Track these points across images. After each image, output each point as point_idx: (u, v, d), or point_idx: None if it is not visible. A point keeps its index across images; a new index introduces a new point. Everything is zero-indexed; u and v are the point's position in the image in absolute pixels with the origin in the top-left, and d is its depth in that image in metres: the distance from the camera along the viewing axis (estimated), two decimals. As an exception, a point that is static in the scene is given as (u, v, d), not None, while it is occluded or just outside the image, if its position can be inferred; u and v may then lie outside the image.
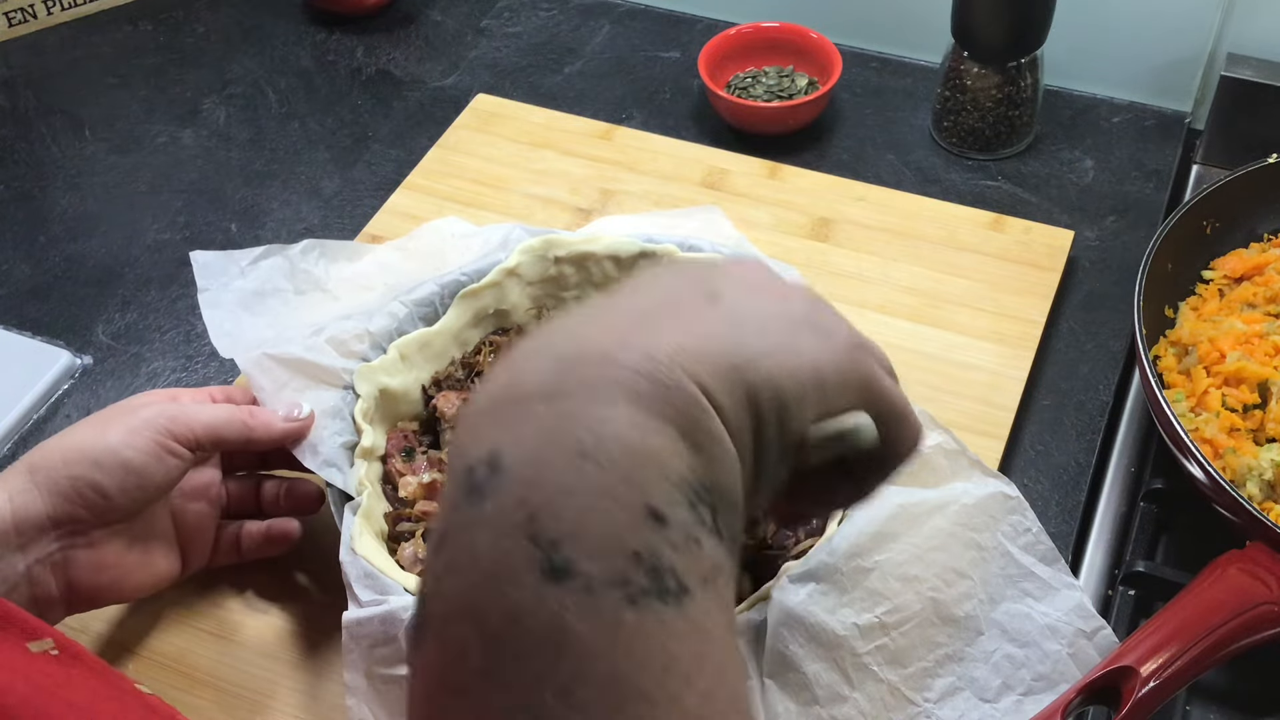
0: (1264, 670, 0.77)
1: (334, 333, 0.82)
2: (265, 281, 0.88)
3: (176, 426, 0.71)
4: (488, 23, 1.26)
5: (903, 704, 0.70)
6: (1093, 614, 0.73)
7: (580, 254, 0.87)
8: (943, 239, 1.00)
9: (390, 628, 0.69)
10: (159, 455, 0.70)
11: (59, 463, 0.68)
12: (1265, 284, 0.89)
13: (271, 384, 0.79)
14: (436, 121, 1.14)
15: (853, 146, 1.11)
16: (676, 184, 1.06)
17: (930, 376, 0.90)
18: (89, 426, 0.71)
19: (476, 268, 0.86)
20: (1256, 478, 0.77)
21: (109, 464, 0.68)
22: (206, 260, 0.88)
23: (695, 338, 0.42)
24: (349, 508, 0.75)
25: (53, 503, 0.67)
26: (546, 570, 0.35)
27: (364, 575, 0.71)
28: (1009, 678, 0.72)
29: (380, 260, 0.93)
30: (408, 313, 0.84)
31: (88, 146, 1.15)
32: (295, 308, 0.88)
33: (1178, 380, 0.85)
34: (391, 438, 0.82)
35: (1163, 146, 1.09)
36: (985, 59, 1.04)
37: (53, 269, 1.05)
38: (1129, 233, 1.02)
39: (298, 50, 1.24)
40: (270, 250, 0.90)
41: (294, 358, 0.80)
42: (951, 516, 0.73)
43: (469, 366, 0.85)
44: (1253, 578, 0.71)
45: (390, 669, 0.69)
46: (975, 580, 0.73)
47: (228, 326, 0.85)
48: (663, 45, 1.22)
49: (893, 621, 0.70)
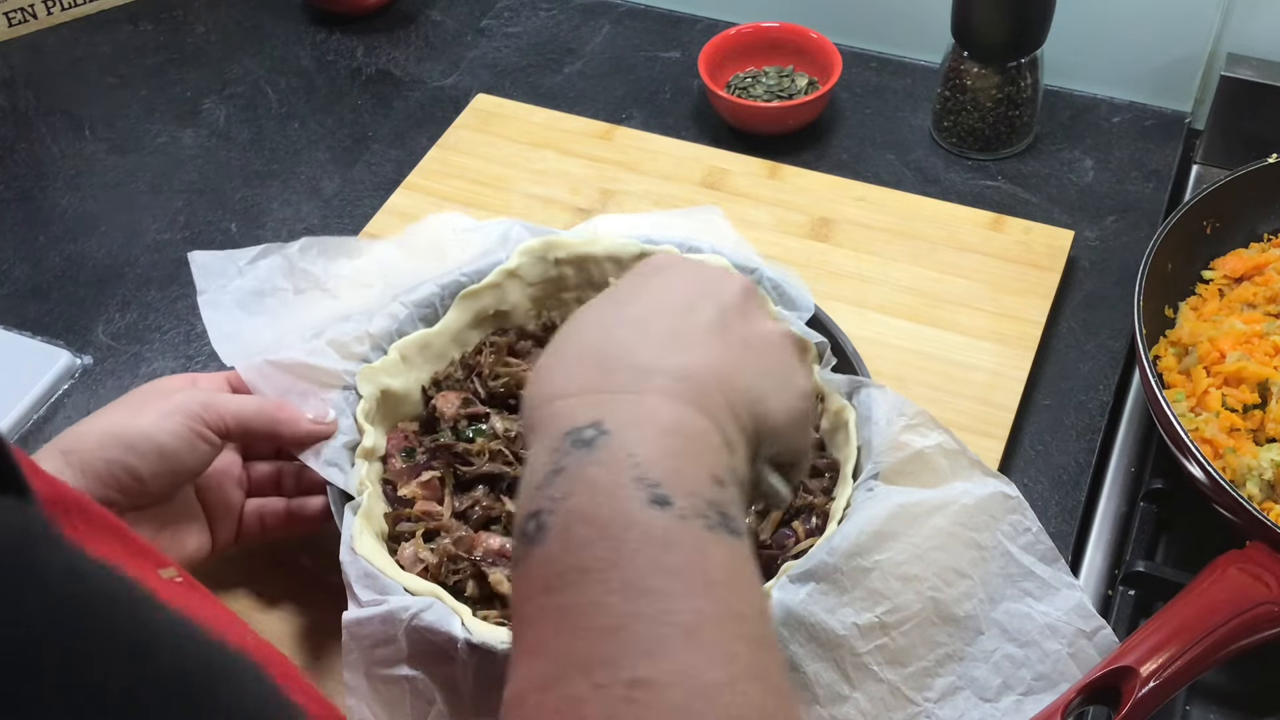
0: (1264, 670, 0.77)
1: (334, 335, 0.82)
2: (264, 281, 0.88)
3: (209, 414, 0.72)
4: (488, 23, 1.26)
5: (903, 704, 0.70)
6: (1093, 614, 0.73)
7: (580, 255, 0.87)
8: (943, 239, 1.00)
9: (390, 628, 0.69)
10: (191, 440, 0.71)
11: (94, 446, 0.68)
12: (1265, 284, 0.89)
13: (274, 391, 0.78)
14: (436, 121, 1.14)
15: (852, 146, 1.11)
16: (676, 184, 1.06)
17: (930, 376, 0.90)
18: (121, 409, 0.71)
19: (476, 268, 0.86)
20: (1256, 478, 0.77)
21: (144, 448, 0.69)
22: (205, 261, 0.88)
23: (726, 366, 0.55)
24: (349, 508, 0.75)
25: (87, 485, 0.68)
26: (654, 500, 0.47)
27: (364, 575, 0.71)
28: (1009, 677, 0.72)
29: (380, 257, 0.92)
30: (408, 314, 0.84)
31: (88, 146, 1.15)
32: (294, 307, 0.88)
33: (1178, 380, 0.85)
34: (391, 438, 0.82)
35: (1163, 146, 1.09)
36: (985, 59, 1.04)
37: (53, 269, 1.05)
38: (1129, 233, 1.02)
39: (298, 50, 1.24)
40: (268, 249, 0.90)
41: (295, 362, 0.80)
42: (951, 516, 0.73)
43: (469, 367, 0.85)
44: (1253, 578, 0.71)
45: (390, 669, 0.69)
46: (975, 580, 0.73)
47: (227, 329, 0.84)
48: (663, 45, 1.22)
49: (893, 621, 0.70)
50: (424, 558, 0.75)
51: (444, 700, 0.69)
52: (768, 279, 0.85)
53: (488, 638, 0.67)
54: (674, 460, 0.49)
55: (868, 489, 0.73)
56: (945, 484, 0.75)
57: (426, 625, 0.68)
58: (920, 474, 0.75)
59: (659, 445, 0.50)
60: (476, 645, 0.67)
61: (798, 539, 0.75)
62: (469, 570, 0.74)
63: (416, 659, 0.69)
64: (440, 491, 0.80)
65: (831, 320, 0.84)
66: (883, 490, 0.73)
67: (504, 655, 0.66)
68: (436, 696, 0.69)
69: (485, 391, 0.83)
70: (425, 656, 0.69)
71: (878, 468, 0.74)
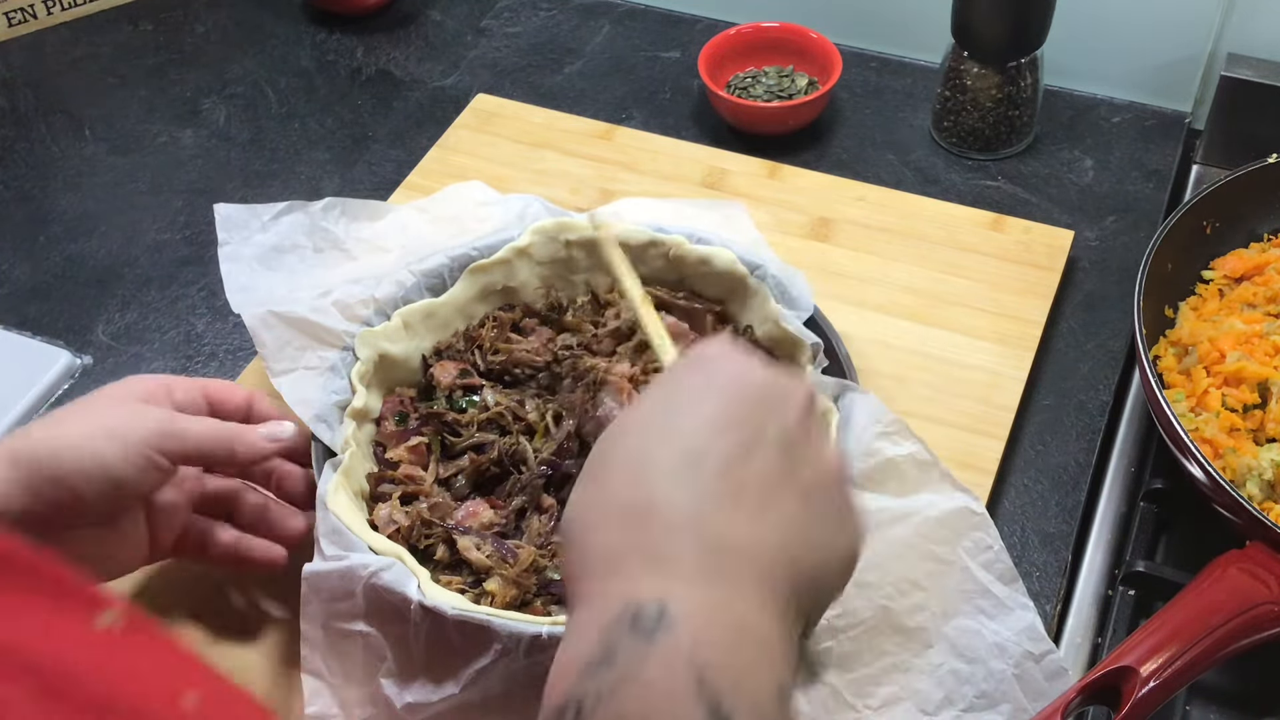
0: (1264, 670, 0.77)
1: (340, 296, 0.84)
2: (285, 237, 0.90)
3: (168, 442, 0.69)
4: (488, 23, 1.26)
5: (843, 708, 0.70)
6: (1043, 637, 0.72)
7: (592, 239, 0.88)
8: (943, 239, 1.00)
9: (349, 583, 0.70)
10: (146, 469, 0.68)
11: (44, 461, 0.66)
12: (1265, 284, 0.89)
13: (274, 341, 0.81)
14: (436, 121, 1.14)
15: (852, 146, 1.11)
16: (676, 184, 1.06)
17: (930, 376, 0.90)
18: (81, 426, 0.68)
19: (487, 243, 0.88)
20: (1256, 478, 0.77)
21: (96, 477, 0.67)
22: (229, 213, 0.89)
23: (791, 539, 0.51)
24: (330, 464, 0.76)
25: (28, 502, 0.65)
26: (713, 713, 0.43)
27: (332, 531, 0.73)
28: (951, 692, 0.71)
29: (401, 221, 0.94)
30: (415, 282, 0.86)
31: (88, 146, 1.15)
32: (312, 265, 0.89)
33: (1178, 380, 0.85)
34: (387, 402, 0.83)
35: (1163, 146, 1.09)
36: (985, 59, 1.04)
37: (53, 269, 1.05)
38: (1129, 233, 1.02)
39: (298, 50, 1.24)
40: (292, 206, 0.91)
41: (298, 317, 0.83)
42: (913, 527, 0.73)
43: (471, 339, 0.86)
44: (1253, 578, 0.71)
45: (347, 624, 0.71)
46: (930, 592, 0.72)
47: (243, 281, 0.86)
48: (663, 45, 1.22)
49: (842, 625, 0.70)
50: (397, 519, 0.77)
51: (395, 658, 0.71)
52: (772, 276, 0.85)
53: (440, 602, 0.69)
54: (740, 666, 0.45)
55: None
56: (913, 494, 0.74)
57: (384, 584, 0.70)
58: (889, 482, 0.75)
59: (726, 646, 0.45)
60: (429, 608, 0.69)
61: None
62: (441, 535, 0.76)
63: (373, 616, 0.71)
64: (426, 458, 0.81)
65: (829, 322, 0.84)
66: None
67: (454, 620, 0.68)
68: (388, 654, 0.71)
69: (484, 364, 0.85)
70: (381, 614, 0.71)
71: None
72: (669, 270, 0.88)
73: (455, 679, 0.69)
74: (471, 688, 0.69)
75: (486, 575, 0.74)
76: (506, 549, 0.75)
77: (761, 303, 0.85)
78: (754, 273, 0.86)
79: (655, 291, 0.87)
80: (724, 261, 0.86)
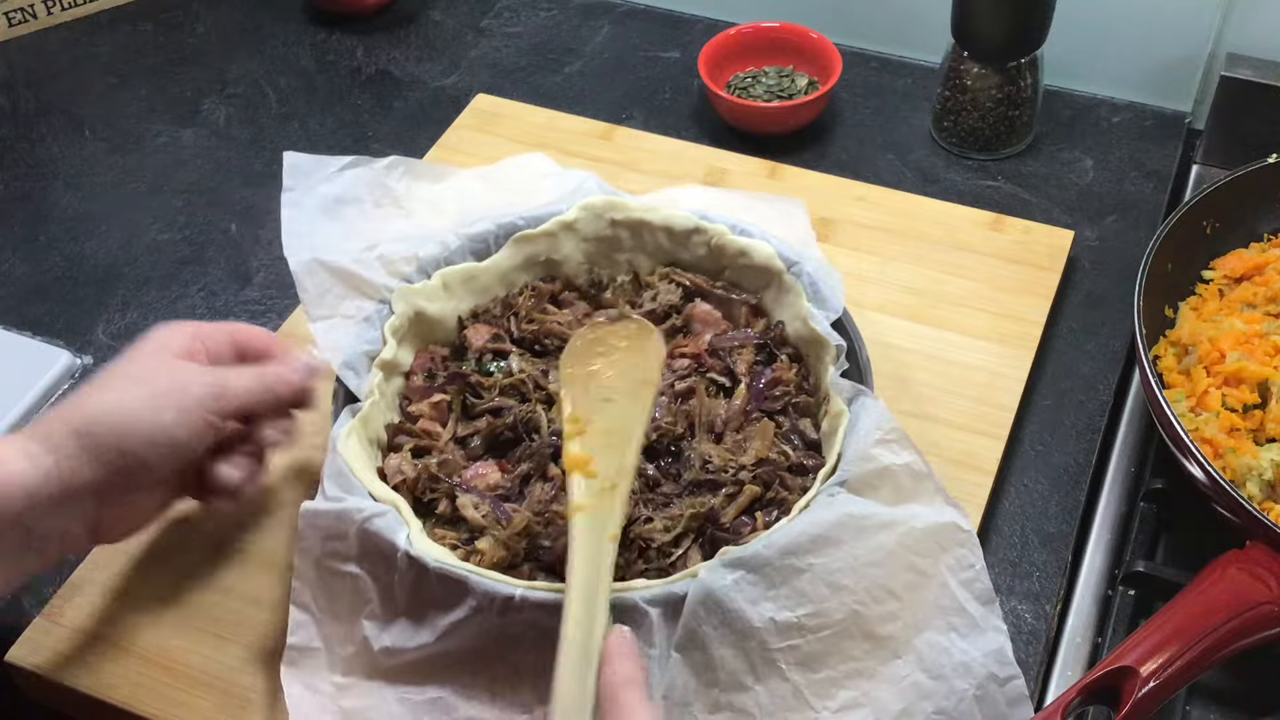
0: (1264, 670, 0.77)
1: (385, 251, 0.87)
2: (347, 190, 0.92)
3: (221, 403, 0.73)
4: (488, 23, 1.26)
5: (802, 707, 0.70)
6: (1010, 662, 0.72)
7: (637, 220, 0.90)
8: (942, 239, 1.00)
9: (343, 525, 0.73)
10: (204, 432, 0.72)
11: (109, 433, 0.69)
12: (1265, 284, 0.89)
13: (315, 287, 0.84)
14: (436, 121, 1.14)
15: (852, 146, 1.11)
16: (676, 184, 1.05)
17: (930, 376, 0.90)
18: (137, 394, 0.71)
19: (535, 214, 0.90)
20: (1256, 478, 0.77)
21: (162, 442, 0.70)
22: (296, 161, 0.92)
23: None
24: (348, 410, 0.79)
25: (99, 473, 0.69)
26: None
27: (337, 473, 0.75)
28: (910, 705, 0.71)
29: (461, 186, 0.96)
30: (460, 245, 0.88)
31: (88, 146, 1.15)
32: (370, 219, 0.91)
33: (1178, 380, 0.85)
34: (419, 357, 0.86)
35: (1163, 146, 1.09)
36: (985, 59, 1.04)
37: (53, 269, 1.05)
38: (1129, 233, 1.03)
39: (298, 50, 1.24)
40: (358, 161, 0.93)
41: (341, 267, 0.85)
42: (898, 536, 0.72)
43: (508, 305, 0.88)
44: (1253, 578, 0.71)
45: (339, 564, 0.73)
46: (904, 603, 0.72)
47: (300, 229, 0.87)
48: (663, 45, 1.22)
49: (812, 625, 0.70)
50: (404, 471, 0.79)
51: (379, 602, 0.73)
52: (807, 274, 0.86)
53: (424, 554, 0.71)
54: None
55: (830, 494, 0.73)
56: (903, 504, 0.74)
57: (375, 530, 0.72)
58: (882, 489, 0.74)
59: None
60: (414, 558, 0.71)
61: (754, 528, 0.76)
62: (445, 490, 0.78)
63: (364, 559, 0.73)
64: (446, 415, 0.83)
65: (855, 326, 0.84)
66: (843, 498, 0.73)
67: (435, 573, 0.70)
68: (373, 597, 0.73)
69: (517, 331, 0.87)
70: (371, 558, 0.73)
71: (845, 476, 0.74)
72: (710, 259, 0.90)
73: (432, 629, 0.71)
74: (446, 639, 0.71)
75: (480, 534, 0.76)
76: (502, 511, 0.77)
77: (794, 299, 0.86)
78: (790, 269, 0.86)
79: (695, 279, 0.89)
80: (762, 255, 0.87)
